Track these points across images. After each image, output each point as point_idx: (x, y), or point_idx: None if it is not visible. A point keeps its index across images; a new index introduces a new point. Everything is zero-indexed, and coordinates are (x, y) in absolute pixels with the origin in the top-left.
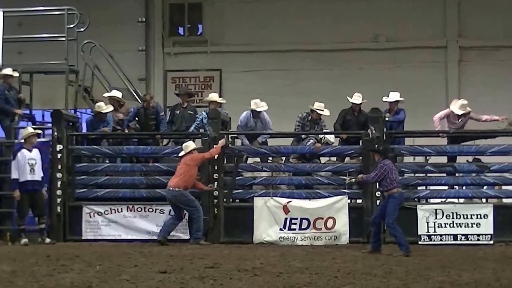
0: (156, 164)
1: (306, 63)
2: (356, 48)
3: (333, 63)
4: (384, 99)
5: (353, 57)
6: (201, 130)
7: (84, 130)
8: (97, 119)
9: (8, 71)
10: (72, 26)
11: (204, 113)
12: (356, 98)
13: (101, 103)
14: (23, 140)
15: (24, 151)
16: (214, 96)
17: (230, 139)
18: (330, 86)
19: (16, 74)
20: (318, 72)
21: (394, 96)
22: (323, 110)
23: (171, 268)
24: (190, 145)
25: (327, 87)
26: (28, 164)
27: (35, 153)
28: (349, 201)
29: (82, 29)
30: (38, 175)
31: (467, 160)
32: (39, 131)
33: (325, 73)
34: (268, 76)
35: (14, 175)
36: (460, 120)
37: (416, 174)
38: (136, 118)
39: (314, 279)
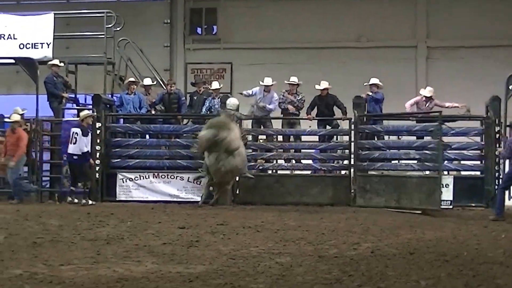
0: (177, 139)
1: (301, 57)
2: (342, 46)
3: (323, 58)
4: (365, 84)
5: (339, 53)
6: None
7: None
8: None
9: (55, 61)
10: (110, 26)
11: (210, 99)
12: (322, 85)
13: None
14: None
15: (75, 129)
16: (216, 85)
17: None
18: (320, 77)
19: (61, 64)
20: (311, 65)
21: (373, 80)
22: (294, 81)
23: (188, 224)
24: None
25: (318, 78)
26: (75, 139)
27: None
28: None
29: (118, 29)
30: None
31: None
32: (95, 113)
33: (317, 67)
34: (270, 68)
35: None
36: (427, 105)
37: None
38: (161, 102)
39: (305, 235)
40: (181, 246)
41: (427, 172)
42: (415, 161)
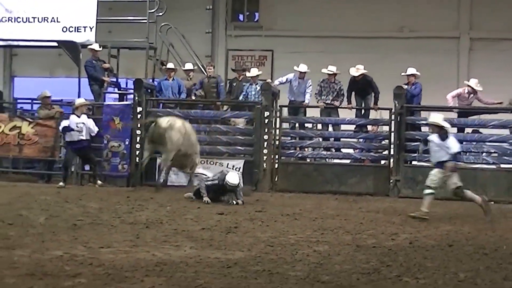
0: (217, 125)
1: (342, 47)
2: (384, 36)
3: (364, 48)
4: (402, 73)
5: (380, 43)
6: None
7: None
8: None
9: (94, 46)
10: (152, 11)
11: (248, 85)
12: (358, 71)
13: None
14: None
15: (73, 116)
16: (254, 71)
17: (279, 108)
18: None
19: (100, 48)
20: (352, 55)
21: (410, 70)
22: (332, 70)
23: (227, 211)
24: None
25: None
26: (77, 127)
27: (83, 118)
28: None
29: (160, 14)
30: (86, 136)
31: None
32: (89, 103)
33: (358, 56)
34: (311, 57)
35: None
36: (470, 98)
37: None
38: (201, 87)
39: (343, 224)
40: (220, 232)
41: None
42: (487, 154)
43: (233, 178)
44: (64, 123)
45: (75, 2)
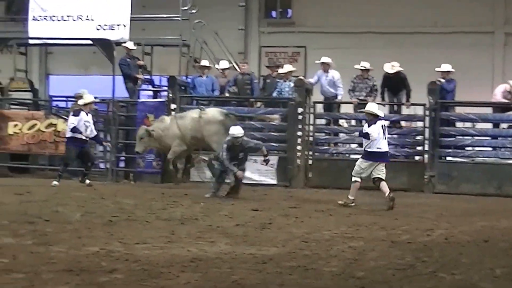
0: (251, 122)
1: (375, 43)
2: (417, 32)
3: (398, 43)
4: (437, 69)
5: (414, 39)
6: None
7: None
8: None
9: (128, 44)
10: (185, 8)
11: (282, 82)
12: (394, 68)
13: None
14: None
15: (83, 113)
16: (288, 68)
17: (312, 104)
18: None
19: (134, 46)
20: (385, 51)
21: (445, 66)
22: (365, 66)
23: (262, 207)
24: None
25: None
26: (85, 125)
27: (90, 116)
28: None
29: (193, 11)
30: (91, 134)
31: None
32: (97, 100)
33: (391, 52)
34: (344, 53)
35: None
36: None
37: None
38: (235, 84)
39: (377, 219)
40: (254, 228)
41: None
42: None
43: (237, 129)
44: (73, 120)
45: (109, 1)
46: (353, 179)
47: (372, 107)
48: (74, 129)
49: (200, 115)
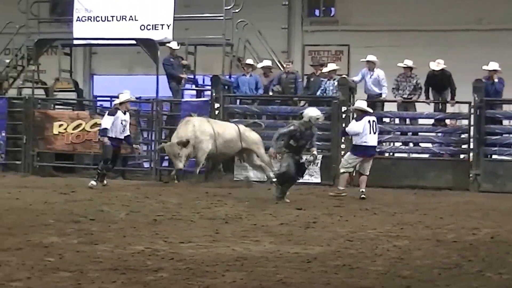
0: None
1: (419, 41)
2: (462, 29)
3: (441, 41)
4: (484, 67)
5: (458, 36)
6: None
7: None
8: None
9: (171, 44)
10: (229, 7)
11: (326, 80)
12: (439, 65)
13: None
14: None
15: (120, 113)
16: (332, 66)
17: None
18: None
19: (177, 47)
20: (429, 49)
21: (493, 65)
22: (408, 64)
23: (306, 206)
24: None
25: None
26: (121, 125)
27: (127, 116)
28: None
29: (236, 10)
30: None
31: None
32: (133, 98)
33: (435, 50)
34: (387, 51)
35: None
36: None
37: None
38: (279, 83)
39: (422, 218)
40: (299, 227)
41: None
42: None
43: (315, 110)
44: (107, 120)
45: (153, 1)
46: (341, 171)
47: (360, 104)
48: (103, 131)
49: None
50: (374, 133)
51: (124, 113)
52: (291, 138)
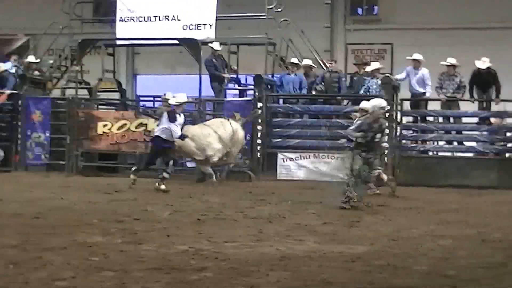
0: (338, 120)
1: (463, 39)
2: (508, 27)
3: (486, 39)
4: None
5: (507, 34)
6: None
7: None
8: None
9: (214, 45)
10: (271, 7)
11: (369, 79)
12: (484, 63)
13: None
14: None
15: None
16: (375, 65)
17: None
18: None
19: (219, 47)
20: (473, 47)
21: None
22: (451, 62)
23: (349, 205)
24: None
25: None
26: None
27: (182, 117)
28: None
29: (279, 9)
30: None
31: None
32: (191, 100)
33: (479, 48)
34: (430, 49)
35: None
36: None
37: None
38: (322, 82)
39: (467, 217)
40: (342, 226)
41: None
42: None
43: (378, 101)
44: (178, 127)
45: (195, 0)
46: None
47: (365, 104)
48: (182, 136)
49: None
50: None
51: (180, 115)
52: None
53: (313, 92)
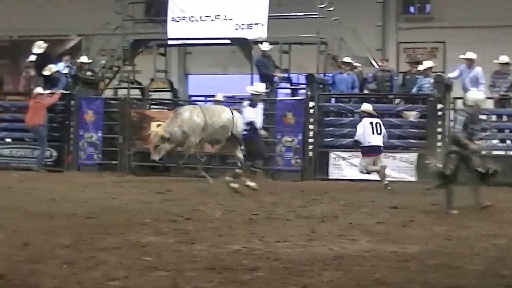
0: (390, 119)
1: None
2: None
3: None
4: None
5: None
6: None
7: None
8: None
9: (263, 46)
10: (323, 6)
11: (422, 78)
12: None
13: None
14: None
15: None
16: (428, 63)
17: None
18: None
19: (268, 48)
20: None
21: None
22: (504, 60)
23: (401, 204)
24: None
25: None
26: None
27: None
28: None
29: (331, 8)
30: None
31: None
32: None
33: None
34: (483, 48)
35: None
36: None
37: None
38: (375, 80)
39: None
40: (395, 226)
41: None
42: None
43: (477, 93)
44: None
45: (247, 0)
46: (363, 172)
47: (368, 107)
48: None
49: None
50: (378, 133)
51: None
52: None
53: (365, 91)
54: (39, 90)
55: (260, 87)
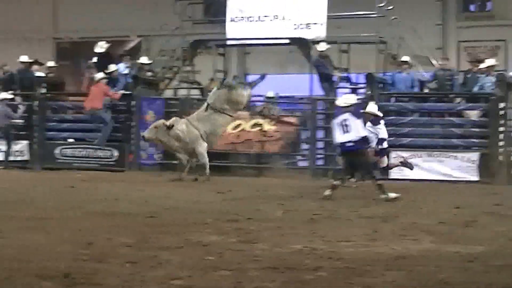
0: (451, 118)
1: None
2: None
3: None
4: None
5: None
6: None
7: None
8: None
9: (320, 47)
10: (382, 5)
11: (483, 76)
12: None
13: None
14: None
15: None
16: (490, 62)
17: None
18: None
19: (324, 48)
20: None
21: None
22: None
23: (464, 204)
24: None
25: None
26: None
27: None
28: None
29: (390, 8)
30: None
31: None
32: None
33: None
34: None
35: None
36: None
37: None
38: (435, 79)
39: None
40: (458, 226)
41: None
42: None
43: None
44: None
45: (306, 0)
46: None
47: (373, 108)
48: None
49: None
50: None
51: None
52: None
53: (425, 90)
54: (100, 75)
55: (350, 99)
